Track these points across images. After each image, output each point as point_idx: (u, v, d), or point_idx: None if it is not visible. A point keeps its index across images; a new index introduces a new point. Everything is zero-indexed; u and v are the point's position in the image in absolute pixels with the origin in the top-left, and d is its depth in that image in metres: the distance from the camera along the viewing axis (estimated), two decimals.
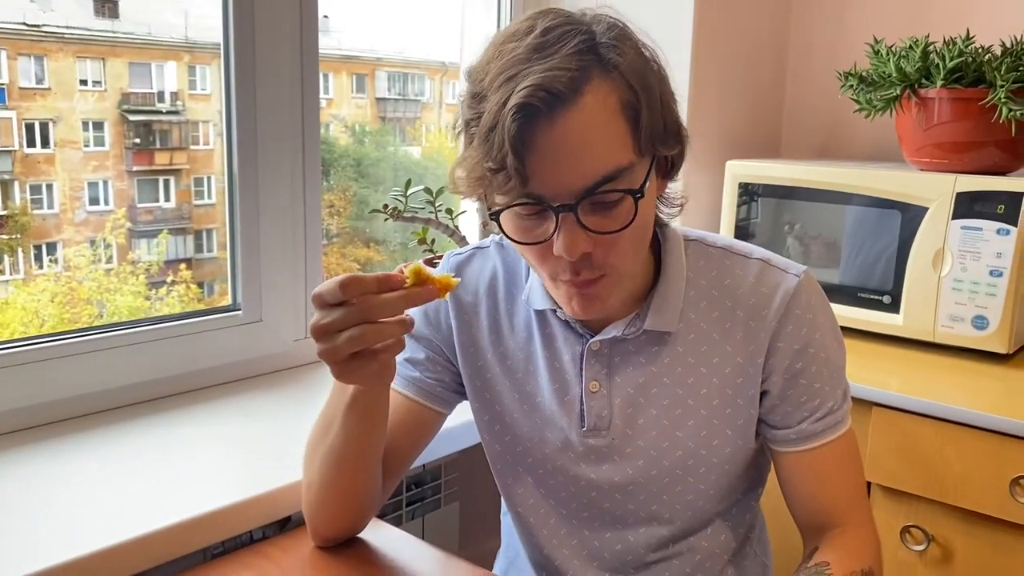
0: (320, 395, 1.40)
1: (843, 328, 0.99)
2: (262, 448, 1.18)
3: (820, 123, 2.04)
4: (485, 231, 1.53)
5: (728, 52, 1.87)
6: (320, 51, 1.45)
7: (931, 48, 1.51)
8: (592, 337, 0.93)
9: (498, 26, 1.87)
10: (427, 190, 1.45)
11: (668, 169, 0.87)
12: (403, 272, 0.78)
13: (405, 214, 1.42)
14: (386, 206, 1.43)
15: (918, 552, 1.33)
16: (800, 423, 0.91)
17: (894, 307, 1.53)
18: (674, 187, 0.91)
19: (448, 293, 0.80)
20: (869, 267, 1.57)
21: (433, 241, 1.50)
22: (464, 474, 1.57)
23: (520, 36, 0.78)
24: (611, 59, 0.78)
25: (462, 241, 1.51)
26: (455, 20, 1.92)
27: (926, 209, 1.48)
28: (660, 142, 0.81)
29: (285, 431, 1.24)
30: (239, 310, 1.42)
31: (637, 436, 0.94)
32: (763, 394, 0.93)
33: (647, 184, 0.81)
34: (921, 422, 1.29)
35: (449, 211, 1.50)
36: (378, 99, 1.94)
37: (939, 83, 1.47)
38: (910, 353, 1.51)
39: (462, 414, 1.07)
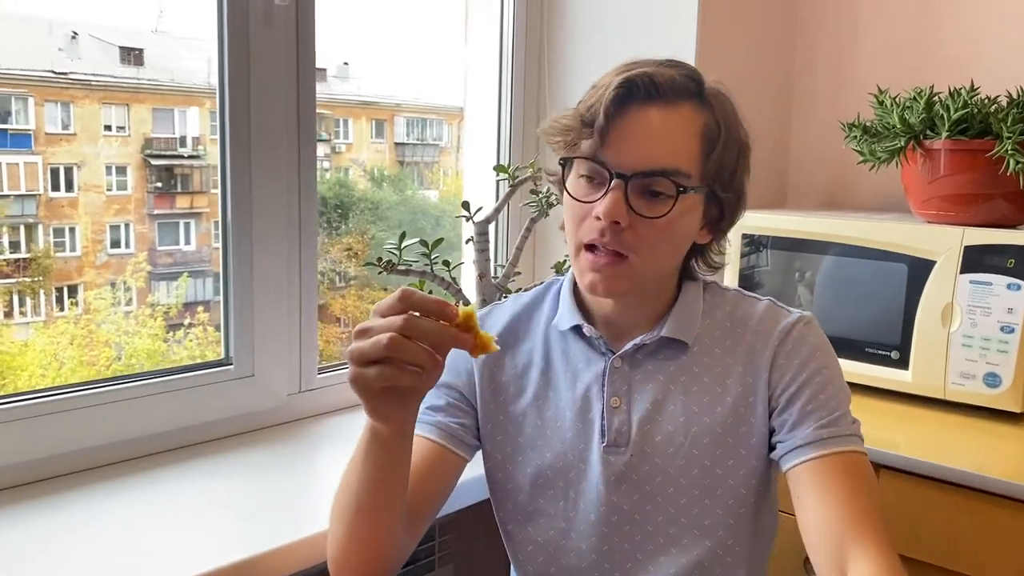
0: (314, 451, 1.39)
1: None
2: (255, 508, 1.15)
3: (826, 173, 2.01)
4: (482, 283, 1.51)
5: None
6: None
7: (935, 99, 1.48)
8: (614, 355, 0.99)
9: (500, 70, 1.85)
10: (423, 242, 1.42)
11: (717, 218, 0.98)
12: (456, 310, 0.79)
13: (399, 267, 1.40)
14: (379, 259, 1.40)
15: None
16: (806, 429, 0.93)
17: (902, 363, 1.49)
18: (719, 258, 1.04)
19: (480, 355, 0.80)
20: (876, 321, 1.53)
21: (430, 293, 1.47)
22: (459, 536, 1.52)
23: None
24: (711, 97, 0.93)
25: (458, 294, 1.49)
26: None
27: (934, 262, 1.45)
28: (720, 183, 0.94)
29: (278, 489, 1.21)
30: (231, 365, 1.40)
31: (655, 454, 0.97)
32: (772, 412, 0.97)
33: (690, 192, 0.92)
34: (931, 486, 1.24)
35: (446, 263, 1.47)
36: (396, 144, 1.98)
37: (944, 134, 1.44)
38: (919, 411, 1.46)
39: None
